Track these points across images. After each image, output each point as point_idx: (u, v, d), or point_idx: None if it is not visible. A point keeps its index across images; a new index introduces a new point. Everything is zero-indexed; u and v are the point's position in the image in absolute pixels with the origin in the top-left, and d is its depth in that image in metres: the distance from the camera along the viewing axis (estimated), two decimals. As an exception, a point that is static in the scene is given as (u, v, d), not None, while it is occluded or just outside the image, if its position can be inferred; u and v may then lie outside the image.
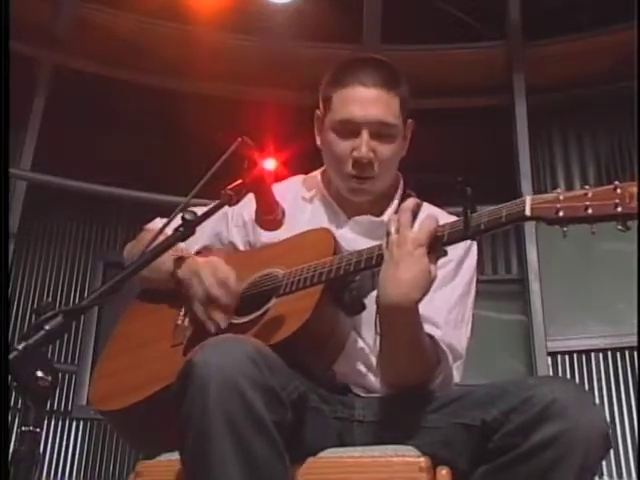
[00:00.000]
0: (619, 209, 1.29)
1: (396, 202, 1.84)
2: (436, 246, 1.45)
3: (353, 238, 1.78)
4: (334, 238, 1.67)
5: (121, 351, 1.80)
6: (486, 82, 4.67)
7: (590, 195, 1.33)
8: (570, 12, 4.52)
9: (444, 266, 1.64)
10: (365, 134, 1.70)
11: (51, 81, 4.51)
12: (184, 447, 1.36)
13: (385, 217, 1.81)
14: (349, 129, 1.72)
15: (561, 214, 1.34)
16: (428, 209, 1.85)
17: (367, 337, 1.70)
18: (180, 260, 1.74)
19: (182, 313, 1.76)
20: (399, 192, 1.87)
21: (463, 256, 1.73)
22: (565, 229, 1.35)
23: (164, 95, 4.60)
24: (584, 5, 4.50)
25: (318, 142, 1.84)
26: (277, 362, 1.43)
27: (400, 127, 1.76)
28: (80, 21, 4.38)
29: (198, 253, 1.84)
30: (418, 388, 1.59)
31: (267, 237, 1.80)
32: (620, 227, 1.30)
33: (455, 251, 1.65)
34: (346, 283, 1.60)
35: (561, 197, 1.35)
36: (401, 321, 1.48)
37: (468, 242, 1.57)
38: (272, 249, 1.78)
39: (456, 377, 1.67)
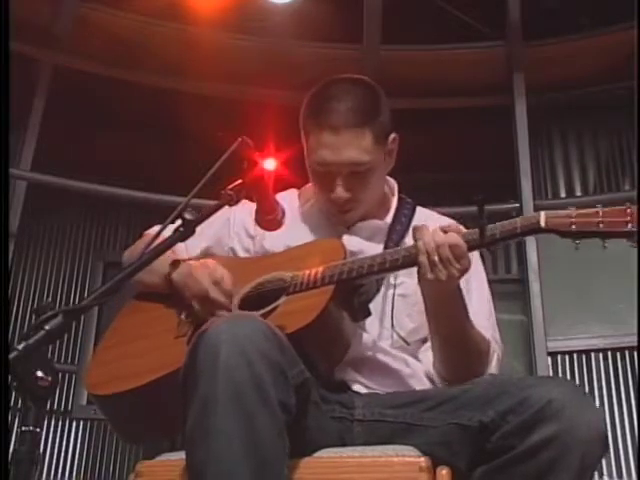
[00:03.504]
0: (629, 226, 1.41)
1: (394, 207, 1.87)
2: None
3: (358, 241, 1.80)
4: (344, 247, 1.69)
5: (120, 342, 1.81)
6: (486, 82, 4.66)
7: (602, 213, 1.44)
8: (570, 12, 4.52)
9: None
10: (339, 179, 1.74)
11: (51, 81, 4.50)
12: (189, 410, 1.36)
13: (388, 220, 1.84)
14: (324, 172, 1.76)
15: (574, 228, 1.45)
16: (423, 213, 1.88)
17: (370, 329, 1.72)
18: (175, 264, 1.76)
19: (183, 314, 1.76)
20: (395, 196, 1.90)
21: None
22: (578, 242, 1.46)
23: (164, 95, 4.59)
24: (584, 5, 4.50)
25: (307, 163, 1.85)
26: (287, 344, 1.44)
27: (376, 158, 1.77)
28: (80, 21, 4.37)
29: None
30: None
31: (270, 244, 1.81)
32: (631, 244, 1.42)
33: None
34: (355, 287, 1.62)
35: (574, 213, 1.46)
36: (449, 300, 1.59)
37: None
38: (279, 256, 1.79)
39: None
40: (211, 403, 1.32)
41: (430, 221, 1.81)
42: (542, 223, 1.48)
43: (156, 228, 1.96)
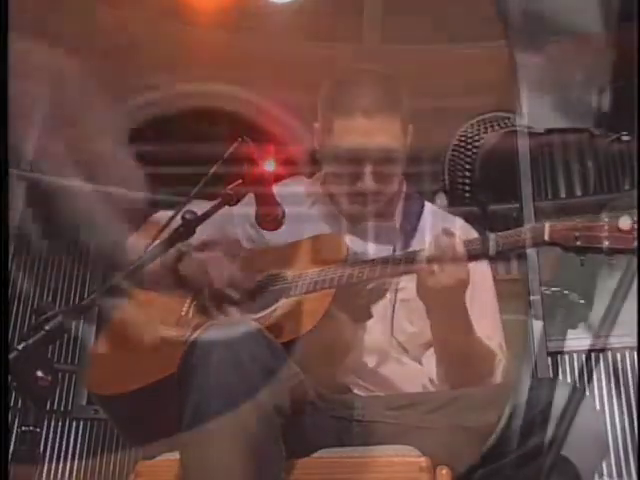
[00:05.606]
0: (636, 244, 1.37)
1: (402, 203, 1.86)
2: None
3: (363, 244, 1.79)
4: (346, 244, 1.68)
5: (120, 334, 1.80)
6: (486, 82, 4.65)
7: (607, 227, 1.40)
8: (570, 12, 4.51)
9: None
10: (369, 167, 1.70)
11: (51, 81, 4.50)
12: (183, 415, 1.37)
13: (396, 219, 1.82)
14: (352, 159, 1.72)
15: (579, 243, 1.41)
16: (432, 211, 1.88)
17: (370, 331, 1.71)
18: (182, 255, 1.74)
19: (186, 304, 1.76)
20: (403, 192, 1.89)
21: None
22: (583, 258, 1.43)
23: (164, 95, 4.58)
24: (584, 5, 4.49)
25: (319, 156, 1.84)
26: (279, 347, 1.45)
27: (403, 145, 1.77)
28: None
29: (201, 247, 1.84)
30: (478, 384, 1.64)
31: (270, 237, 1.80)
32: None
33: None
34: (357, 291, 1.62)
35: (579, 225, 1.42)
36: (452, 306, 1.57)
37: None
38: (280, 250, 1.78)
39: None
40: (203, 408, 1.32)
41: (440, 222, 1.81)
42: (546, 236, 1.45)
43: (161, 213, 1.97)
